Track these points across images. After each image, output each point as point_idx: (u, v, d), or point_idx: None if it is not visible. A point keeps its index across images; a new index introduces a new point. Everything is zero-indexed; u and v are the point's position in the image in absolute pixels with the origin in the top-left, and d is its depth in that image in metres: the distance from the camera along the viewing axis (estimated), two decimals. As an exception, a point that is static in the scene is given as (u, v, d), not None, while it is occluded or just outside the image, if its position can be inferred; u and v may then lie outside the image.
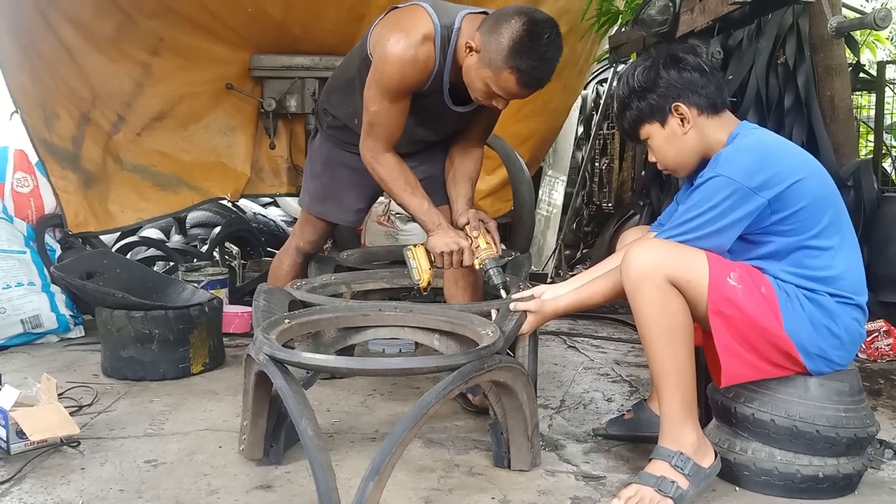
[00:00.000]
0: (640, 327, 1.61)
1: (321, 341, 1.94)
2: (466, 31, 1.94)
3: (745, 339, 1.57)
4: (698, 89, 1.68)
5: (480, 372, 1.54)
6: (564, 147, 4.73)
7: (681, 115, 1.68)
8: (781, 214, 1.58)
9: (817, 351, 1.59)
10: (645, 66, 1.72)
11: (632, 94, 1.72)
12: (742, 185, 1.55)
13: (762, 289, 1.58)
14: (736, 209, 1.56)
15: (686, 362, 1.58)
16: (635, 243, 1.65)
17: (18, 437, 1.80)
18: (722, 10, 2.51)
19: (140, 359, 2.44)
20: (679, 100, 1.68)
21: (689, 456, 1.57)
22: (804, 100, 2.86)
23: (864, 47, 3.67)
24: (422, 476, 1.73)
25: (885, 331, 2.72)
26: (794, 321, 1.57)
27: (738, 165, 1.57)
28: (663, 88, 1.68)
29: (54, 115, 3.32)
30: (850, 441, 1.59)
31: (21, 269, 2.96)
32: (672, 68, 1.69)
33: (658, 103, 1.69)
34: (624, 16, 3.52)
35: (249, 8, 3.45)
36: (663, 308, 1.56)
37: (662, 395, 1.60)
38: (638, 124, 1.74)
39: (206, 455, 1.84)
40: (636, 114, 1.73)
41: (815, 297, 1.59)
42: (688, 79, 1.68)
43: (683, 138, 1.70)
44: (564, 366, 2.69)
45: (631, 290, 1.59)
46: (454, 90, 2.04)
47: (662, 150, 1.74)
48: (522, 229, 3.43)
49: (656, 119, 1.71)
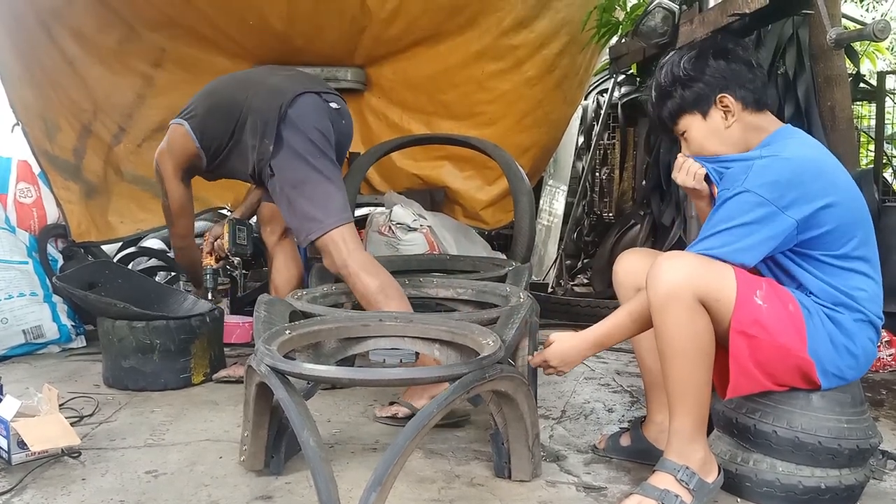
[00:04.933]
0: (662, 344, 1.55)
1: (322, 352, 1.94)
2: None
3: (764, 361, 1.54)
4: (745, 83, 1.61)
5: (482, 382, 1.54)
6: (565, 157, 4.74)
7: (725, 107, 1.61)
8: (808, 235, 1.53)
9: (835, 371, 1.56)
10: (692, 55, 1.64)
11: (675, 83, 1.65)
12: (771, 203, 1.49)
13: (790, 306, 1.54)
14: (764, 228, 1.50)
15: (705, 383, 1.54)
16: (664, 257, 1.55)
17: (19, 447, 1.80)
18: (721, 21, 2.52)
19: (141, 369, 2.44)
20: (726, 91, 1.61)
21: (694, 471, 1.55)
22: (804, 110, 2.87)
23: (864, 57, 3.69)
24: (423, 487, 1.73)
25: (886, 341, 2.72)
26: (817, 341, 1.53)
27: (770, 181, 1.50)
28: (710, 78, 1.61)
29: (56, 126, 3.34)
30: (853, 452, 1.58)
31: (23, 280, 2.96)
32: (721, 58, 1.62)
33: (703, 93, 1.62)
34: (624, 27, 3.54)
35: (252, 20, 3.47)
36: (690, 328, 1.50)
37: (675, 413, 1.56)
38: (678, 114, 1.67)
39: (206, 466, 1.84)
40: (678, 103, 1.65)
41: (836, 315, 1.56)
42: (736, 71, 1.61)
43: (726, 132, 1.63)
44: (565, 376, 2.69)
45: (658, 306, 1.52)
46: None
47: (701, 144, 1.66)
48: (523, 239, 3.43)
49: (699, 110, 1.64)
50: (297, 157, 2.22)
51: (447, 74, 3.85)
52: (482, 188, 4.22)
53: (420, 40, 3.74)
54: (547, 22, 3.76)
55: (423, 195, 4.13)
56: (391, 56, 3.76)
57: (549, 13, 3.74)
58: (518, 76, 3.84)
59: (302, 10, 3.45)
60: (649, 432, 1.87)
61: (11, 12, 3.10)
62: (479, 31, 3.73)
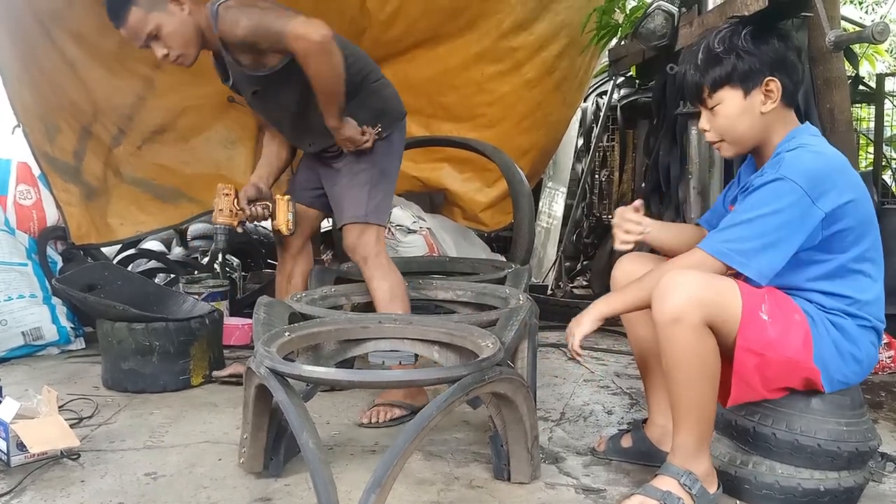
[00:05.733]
0: (668, 364, 1.53)
1: (321, 353, 1.94)
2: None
3: (770, 377, 1.54)
4: (793, 74, 1.59)
5: (481, 384, 1.54)
6: (564, 159, 4.75)
7: (769, 90, 1.57)
8: (827, 232, 1.51)
9: (840, 377, 1.56)
10: (754, 31, 1.59)
11: (731, 51, 1.58)
12: (806, 193, 1.47)
13: (795, 316, 1.53)
14: (798, 219, 1.48)
15: (711, 401, 1.54)
16: (669, 275, 1.52)
17: (19, 449, 1.80)
18: (720, 23, 2.52)
19: (140, 371, 2.44)
20: (776, 75, 1.57)
21: (697, 477, 1.55)
22: (804, 112, 2.86)
23: (864, 59, 3.68)
24: (422, 489, 1.73)
25: (886, 343, 2.72)
26: (822, 349, 1.53)
27: (804, 170, 1.49)
28: (767, 57, 1.57)
29: (56, 128, 3.33)
30: (852, 454, 1.58)
31: (22, 282, 2.96)
32: (783, 41, 1.58)
33: (756, 69, 1.57)
34: (623, 29, 3.54)
35: (251, 22, 3.46)
36: (698, 351, 1.49)
37: (680, 428, 1.56)
38: (721, 84, 1.60)
39: (205, 468, 1.84)
40: (728, 71, 1.58)
41: (840, 321, 1.55)
42: (790, 59, 1.58)
43: (759, 116, 1.59)
44: (565, 378, 2.69)
45: (664, 327, 1.50)
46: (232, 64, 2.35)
47: (731, 121, 1.61)
48: (522, 241, 3.43)
49: (743, 86, 1.58)
50: (396, 157, 2.51)
51: (446, 76, 3.86)
52: (481, 190, 4.22)
53: (419, 42, 3.75)
54: (546, 24, 3.77)
55: (423, 197, 4.13)
56: (391, 58, 3.76)
57: (548, 15, 3.74)
58: (517, 78, 3.85)
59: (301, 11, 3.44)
60: (652, 434, 1.87)
61: (11, 14, 3.09)
62: (479, 33, 3.73)
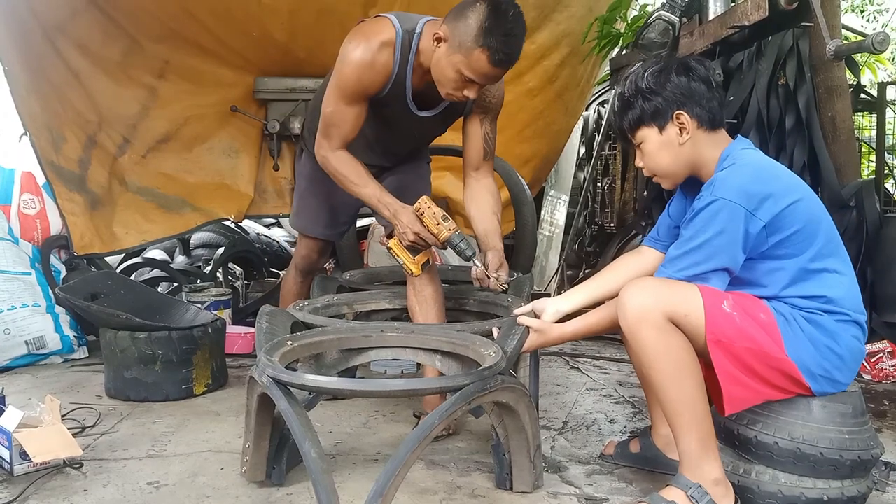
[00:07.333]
0: (646, 369, 1.59)
1: (323, 363, 1.94)
2: (428, 33, 2.00)
3: (746, 365, 1.56)
4: (703, 101, 1.67)
5: (483, 393, 1.54)
6: (566, 167, 4.76)
7: (681, 123, 1.67)
8: (778, 237, 1.57)
9: (821, 372, 1.58)
10: (655, 70, 1.70)
11: (637, 94, 1.70)
12: (741, 206, 1.54)
13: (761, 315, 1.57)
14: (738, 229, 1.55)
15: (697, 396, 1.55)
16: (628, 285, 1.61)
17: (22, 458, 1.81)
18: (721, 33, 2.54)
19: (143, 380, 2.44)
20: (683, 108, 1.67)
21: (706, 490, 1.55)
22: (805, 121, 2.88)
23: (865, 68, 3.69)
24: (424, 498, 1.72)
25: (889, 352, 2.72)
26: (795, 344, 1.56)
27: (736, 186, 1.56)
28: (670, 94, 1.67)
29: (61, 137, 3.35)
30: (855, 463, 1.58)
31: (26, 291, 2.97)
32: (683, 75, 1.67)
33: (662, 107, 1.67)
34: (625, 39, 3.56)
35: (254, 32, 3.49)
36: (666, 347, 1.54)
37: (678, 434, 1.57)
38: (637, 125, 1.72)
39: (208, 477, 1.84)
40: (638, 114, 1.70)
41: (814, 317, 1.58)
42: (695, 89, 1.67)
43: (678, 148, 1.69)
44: (567, 387, 2.69)
45: (630, 332, 1.57)
46: (419, 97, 2.10)
47: (654, 156, 1.72)
48: (525, 250, 3.44)
49: (656, 123, 1.69)
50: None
51: (449, 85, 3.86)
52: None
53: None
54: (548, 33, 3.78)
55: (425, 206, 4.12)
56: (392, 67, 3.77)
57: (549, 25, 3.75)
58: (519, 87, 3.86)
59: (303, 23, 3.47)
60: (658, 442, 1.88)
61: (18, 25, 3.12)
62: (480, 42, 3.74)
